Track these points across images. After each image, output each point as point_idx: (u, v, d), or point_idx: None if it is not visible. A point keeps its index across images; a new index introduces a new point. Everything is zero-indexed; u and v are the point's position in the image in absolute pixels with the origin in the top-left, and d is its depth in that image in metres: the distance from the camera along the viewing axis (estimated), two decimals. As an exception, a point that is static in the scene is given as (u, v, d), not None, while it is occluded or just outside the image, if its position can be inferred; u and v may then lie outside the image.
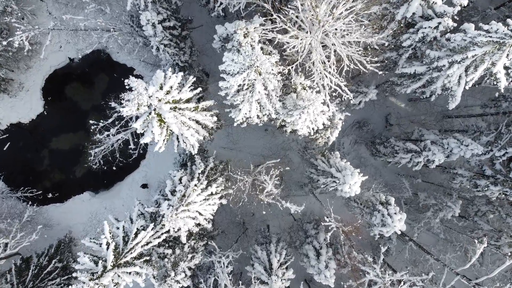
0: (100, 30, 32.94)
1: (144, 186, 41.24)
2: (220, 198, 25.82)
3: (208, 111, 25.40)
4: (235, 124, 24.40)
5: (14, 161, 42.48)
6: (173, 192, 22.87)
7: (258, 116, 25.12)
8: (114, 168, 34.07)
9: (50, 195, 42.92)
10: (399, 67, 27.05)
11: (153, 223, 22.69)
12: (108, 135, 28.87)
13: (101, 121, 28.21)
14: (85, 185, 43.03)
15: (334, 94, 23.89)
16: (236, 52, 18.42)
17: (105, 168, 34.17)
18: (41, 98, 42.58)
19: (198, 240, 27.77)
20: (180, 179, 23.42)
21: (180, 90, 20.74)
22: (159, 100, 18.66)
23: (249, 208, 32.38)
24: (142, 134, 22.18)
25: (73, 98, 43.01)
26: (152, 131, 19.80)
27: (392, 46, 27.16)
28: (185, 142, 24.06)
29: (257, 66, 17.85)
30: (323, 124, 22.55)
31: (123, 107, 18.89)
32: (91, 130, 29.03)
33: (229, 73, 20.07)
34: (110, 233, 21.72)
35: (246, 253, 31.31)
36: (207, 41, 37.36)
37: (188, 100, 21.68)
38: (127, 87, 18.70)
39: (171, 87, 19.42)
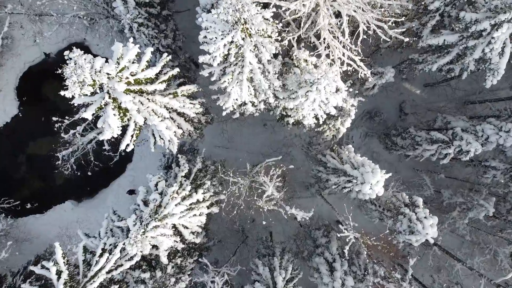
0: (69, 16, 27.24)
1: (131, 192, 35.50)
2: (210, 205, 20.13)
3: (191, 98, 19.79)
4: (224, 113, 18.71)
5: (-13, 169, 36.95)
6: (146, 202, 17.22)
7: (252, 103, 19.41)
8: (89, 173, 28.47)
9: (28, 206, 37.29)
10: (424, 39, 21.29)
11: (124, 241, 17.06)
12: (74, 134, 23.29)
13: (67, 118, 22.66)
14: (67, 193, 37.35)
15: (346, 71, 18.24)
16: (217, 9, 12.75)
17: (79, 173, 28.58)
18: (16, 98, 36.88)
19: (186, 256, 22.03)
20: (156, 185, 17.75)
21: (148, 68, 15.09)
22: (110, 78, 12.99)
23: (248, 213, 26.71)
24: (124, 131, 16.50)
25: (50, 98, 37.34)
26: (108, 123, 14.14)
27: (415, 13, 21.44)
28: (162, 139, 18.41)
29: (245, 22, 12.17)
30: (337, 108, 16.80)
31: (65, 89, 13.30)
32: (55, 129, 23.50)
33: (210, 43, 14.42)
34: (64, 257, 16.08)
35: (245, 269, 25.57)
36: (195, 25, 31.63)
37: (161, 83, 16.02)
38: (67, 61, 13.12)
39: (130, 61, 13.77)
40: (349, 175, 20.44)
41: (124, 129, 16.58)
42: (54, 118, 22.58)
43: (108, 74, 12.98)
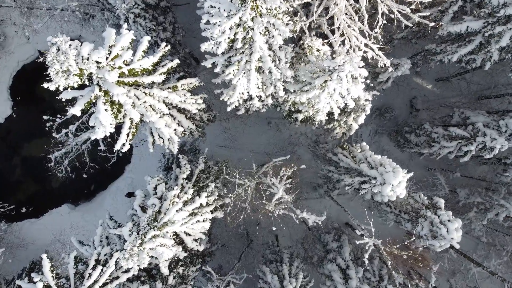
0: (61, 7, 25.24)
1: (130, 194, 33.57)
2: (214, 210, 18.22)
3: (192, 93, 17.92)
4: (228, 109, 16.81)
5: (-20, 172, 35.03)
6: (144, 208, 15.32)
7: (259, 97, 17.53)
8: (84, 176, 26.61)
9: (24, 210, 35.35)
10: (444, 26, 19.40)
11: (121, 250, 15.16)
12: (66, 134, 21.41)
13: (58, 116, 20.81)
14: (63, 196, 35.42)
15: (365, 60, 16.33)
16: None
17: (73, 176, 26.74)
18: (9, 98, 35.02)
19: (189, 265, 20.12)
20: (155, 188, 15.84)
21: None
22: (100, 67, 11.10)
23: (255, 217, 24.80)
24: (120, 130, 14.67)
25: (46, 97, 35.40)
26: (100, 120, 12.24)
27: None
28: (161, 138, 16.53)
29: (256, -2, 10.29)
30: (356, 100, 14.83)
31: (47, 80, 11.39)
32: (46, 129, 21.62)
33: (214, 27, 12.53)
34: (53, 270, 14.21)
35: (251, 276, 23.65)
36: (195, 20, 29.75)
37: (159, 75, 14.12)
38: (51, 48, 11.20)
39: (124, 49, 11.87)
40: (365, 175, 18.55)
41: (120, 127, 14.78)
42: (45, 117, 20.79)
43: (97, 62, 11.08)
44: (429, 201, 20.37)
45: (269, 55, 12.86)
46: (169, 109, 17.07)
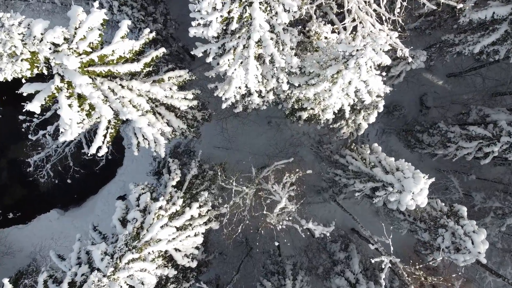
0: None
1: (122, 197, 31.14)
2: (209, 221, 15.77)
3: (182, 89, 15.51)
4: (223, 106, 14.37)
5: (-37, 176, 32.55)
6: (124, 222, 12.88)
7: (259, 93, 15.10)
8: (69, 181, 24.17)
9: (11, 215, 32.89)
10: (466, 13, 16.99)
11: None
12: (44, 136, 19.02)
13: (36, 116, 18.41)
14: (52, 201, 32.95)
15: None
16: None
17: (56, 181, 24.33)
18: (-6, 98, 32.62)
19: (181, 281, 17.65)
20: (138, 198, 13.41)
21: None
22: (57, 50, 8.67)
23: (255, 225, 22.32)
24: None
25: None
26: (63, 119, 9.80)
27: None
28: (146, 139, 14.09)
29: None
30: (377, 92, 12.28)
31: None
32: (23, 130, 19.21)
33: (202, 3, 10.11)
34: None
35: (251, 289, 21.23)
36: (189, 12, 27.35)
37: (137, 62, 11.70)
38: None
39: (91, 29, 9.43)
40: (378, 181, 16.13)
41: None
42: (21, 117, 18.42)
43: (54, 45, 8.65)
44: (448, 208, 17.96)
45: (271, 38, 10.44)
46: (156, 106, 14.67)
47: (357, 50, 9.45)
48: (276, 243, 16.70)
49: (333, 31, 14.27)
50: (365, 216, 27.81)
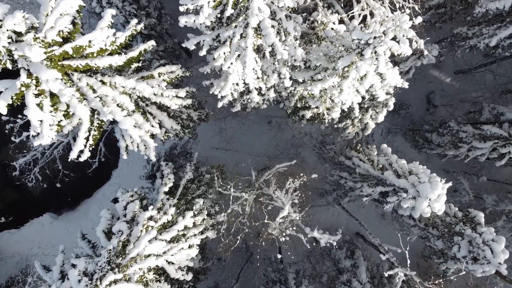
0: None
1: (116, 199, 29.65)
2: (205, 230, 14.36)
3: (175, 86, 14.09)
4: (219, 104, 12.96)
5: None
6: (110, 234, 11.48)
7: (259, 90, 13.68)
8: (58, 185, 22.75)
9: (2, 220, 31.49)
10: (482, 3, 15.56)
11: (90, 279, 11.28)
12: (28, 138, 17.59)
13: (19, 117, 16.98)
14: (45, 205, 31.54)
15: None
16: None
17: (45, 185, 22.88)
18: (-15, 98, 31.19)
19: (176, 292, 16.23)
20: (125, 207, 12.01)
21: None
22: (20, 40, 7.26)
23: (255, 230, 20.88)
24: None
25: (25, 97, 31.49)
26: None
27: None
28: (133, 140, 12.67)
29: None
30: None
31: None
32: (6, 132, 17.81)
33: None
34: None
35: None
36: (185, 7, 25.91)
37: (118, 54, 10.29)
38: None
39: (62, 15, 8.01)
40: (388, 185, 14.72)
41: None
42: (3, 118, 17.02)
43: (16, 33, 7.24)
44: (463, 213, 16.54)
45: (272, 26, 9.03)
46: (146, 105, 13.27)
47: (375, 37, 8.04)
48: (279, 256, 15.24)
49: (340, 22, 12.86)
50: (370, 220, 26.41)
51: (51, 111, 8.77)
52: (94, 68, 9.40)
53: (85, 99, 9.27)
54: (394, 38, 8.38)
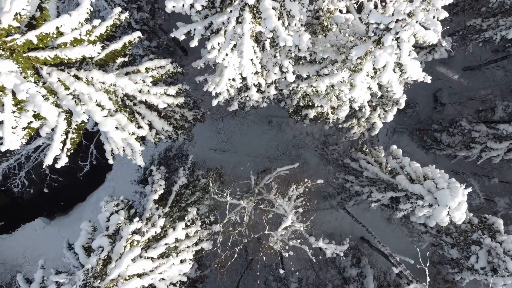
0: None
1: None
2: (199, 242, 12.98)
3: (167, 84, 12.72)
4: (214, 103, 11.57)
5: None
6: (89, 250, 10.09)
7: (258, 86, 12.29)
8: (45, 190, 21.39)
9: (-7, 225, 30.09)
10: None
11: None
12: (9, 141, 16.19)
13: None
14: (37, 209, 30.16)
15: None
16: None
17: (31, 191, 21.53)
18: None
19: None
20: (109, 219, 10.63)
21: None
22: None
23: (254, 238, 19.46)
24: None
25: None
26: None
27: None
28: (116, 143, 11.27)
29: None
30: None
31: None
32: (-14, 134, 16.45)
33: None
34: None
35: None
36: (180, 2, 24.51)
37: (92, 44, 8.93)
38: None
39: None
40: (400, 190, 13.33)
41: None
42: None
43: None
44: (479, 220, 15.16)
45: (274, 8, 7.65)
46: (134, 104, 11.89)
47: (397, 20, 6.66)
48: (282, 271, 13.86)
49: (347, 12, 11.46)
50: (375, 223, 25.01)
51: (13, 111, 7.38)
52: (66, 61, 8.01)
53: (56, 97, 7.88)
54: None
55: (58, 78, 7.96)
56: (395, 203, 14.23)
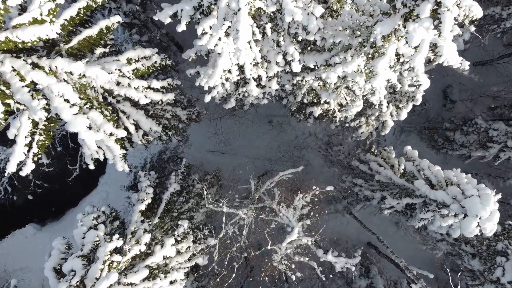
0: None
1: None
2: (193, 257, 11.42)
3: (157, 79, 11.10)
4: (206, 99, 9.97)
5: None
6: (61, 273, 8.53)
7: (258, 80, 10.72)
8: (30, 197, 19.81)
9: (-18, 232, 28.50)
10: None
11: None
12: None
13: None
14: (28, 215, 28.56)
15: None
16: None
17: (15, 198, 19.97)
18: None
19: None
20: (85, 235, 9.05)
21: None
22: None
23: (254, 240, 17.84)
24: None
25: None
26: None
27: None
28: (100, 147, 9.68)
29: None
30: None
31: None
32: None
33: None
34: None
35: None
36: (175, -4, 22.99)
37: (51, 23, 7.36)
38: None
39: None
40: (418, 196, 11.76)
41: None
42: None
43: None
44: (502, 227, 13.59)
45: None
46: (117, 101, 10.31)
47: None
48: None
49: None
50: (383, 228, 23.45)
51: (-49, 108, 5.81)
52: (22, 46, 6.44)
53: (9, 89, 6.32)
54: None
55: (12, 67, 6.38)
56: (410, 209, 12.66)
